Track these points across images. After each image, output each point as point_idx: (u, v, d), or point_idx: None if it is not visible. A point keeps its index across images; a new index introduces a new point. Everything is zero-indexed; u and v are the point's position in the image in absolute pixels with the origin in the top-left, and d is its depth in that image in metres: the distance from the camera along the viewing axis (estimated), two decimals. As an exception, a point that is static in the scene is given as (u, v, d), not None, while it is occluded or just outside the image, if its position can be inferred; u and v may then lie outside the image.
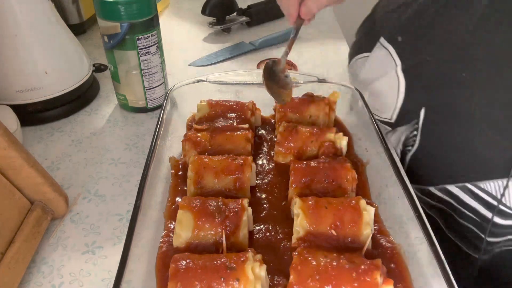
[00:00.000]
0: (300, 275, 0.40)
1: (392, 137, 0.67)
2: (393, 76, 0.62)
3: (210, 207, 0.46)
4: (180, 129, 0.65)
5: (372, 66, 0.68)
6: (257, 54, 0.95)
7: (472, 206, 0.57)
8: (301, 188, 0.51)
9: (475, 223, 0.58)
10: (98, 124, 0.72)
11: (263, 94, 0.72)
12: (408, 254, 0.46)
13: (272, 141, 0.64)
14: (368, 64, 0.68)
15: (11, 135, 0.47)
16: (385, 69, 0.64)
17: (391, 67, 0.63)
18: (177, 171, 0.57)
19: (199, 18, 1.08)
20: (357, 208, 0.46)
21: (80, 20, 0.98)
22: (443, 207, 0.62)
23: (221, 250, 0.44)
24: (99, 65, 0.85)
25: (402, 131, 0.64)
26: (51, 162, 0.63)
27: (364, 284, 0.39)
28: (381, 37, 0.65)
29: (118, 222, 0.54)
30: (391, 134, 0.68)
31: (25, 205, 0.49)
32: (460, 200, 0.58)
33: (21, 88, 0.66)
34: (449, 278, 0.39)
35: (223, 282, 0.39)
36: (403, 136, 0.64)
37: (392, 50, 0.63)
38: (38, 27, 0.65)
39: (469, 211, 0.58)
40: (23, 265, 0.46)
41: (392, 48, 0.63)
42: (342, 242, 0.45)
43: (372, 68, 0.67)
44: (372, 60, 0.67)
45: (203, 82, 0.68)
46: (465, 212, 0.59)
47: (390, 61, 0.63)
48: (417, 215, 0.46)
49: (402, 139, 0.65)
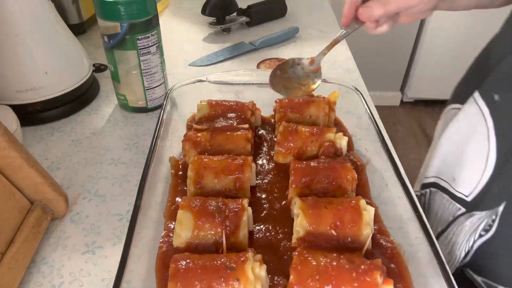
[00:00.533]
0: (300, 275, 0.40)
1: (466, 222, 0.54)
2: (482, 142, 0.52)
3: (210, 207, 0.46)
4: (180, 129, 0.65)
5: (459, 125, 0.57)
6: (257, 54, 0.95)
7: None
8: (301, 188, 0.51)
9: None
10: (98, 124, 0.72)
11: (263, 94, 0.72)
12: (408, 254, 0.46)
13: (272, 141, 0.64)
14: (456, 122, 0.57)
15: (11, 135, 0.47)
16: (473, 131, 0.53)
17: (481, 131, 0.52)
18: (177, 171, 0.57)
19: (199, 18, 1.08)
20: (357, 208, 0.46)
21: (80, 20, 0.98)
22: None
23: (221, 250, 0.44)
24: (99, 65, 0.85)
25: (481, 218, 0.52)
26: (51, 162, 0.63)
27: (364, 284, 0.39)
28: (476, 91, 0.54)
29: (118, 222, 0.54)
30: (464, 218, 0.55)
31: (25, 205, 0.49)
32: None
33: (21, 88, 0.66)
34: (449, 278, 0.40)
35: (223, 282, 0.39)
36: (482, 223, 0.52)
37: (485, 110, 0.52)
38: (38, 27, 0.65)
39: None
40: (23, 265, 0.46)
41: (486, 108, 0.52)
42: (342, 242, 0.45)
43: (459, 127, 0.57)
44: (461, 118, 0.56)
45: (203, 82, 0.68)
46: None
47: (482, 123, 0.52)
48: (417, 215, 0.46)
49: (480, 227, 0.52)
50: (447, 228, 0.58)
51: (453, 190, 0.56)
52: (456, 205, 0.56)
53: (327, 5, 1.22)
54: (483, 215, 0.52)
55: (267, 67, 0.87)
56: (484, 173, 0.51)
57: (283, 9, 1.11)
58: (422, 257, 0.44)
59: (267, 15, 1.09)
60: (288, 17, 1.12)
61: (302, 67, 0.56)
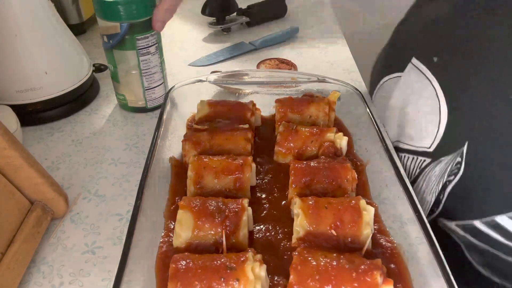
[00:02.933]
0: (300, 275, 0.40)
1: (436, 169, 0.58)
2: (431, 97, 0.57)
3: (210, 207, 0.46)
4: (180, 129, 0.65)
5: (405, 88, 0.62)
6: (257, 54, 0.95)
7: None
8: (301, 188, 0.51)
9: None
10: (98, 124, 0.72)
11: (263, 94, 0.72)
12: (408, 254, 0.46)
13: (272, 141, 0.64)
14: (401, 86, 0.63)
15: (11, 135, 0.47)
16: (421, 92, 0.59)
17: (429, 90, 0.57)
18: (177, 171, 0.57)
19: (199, 18, 1.08)
20: (357, 208, 0.46)
21: (80, 20, 0.98)
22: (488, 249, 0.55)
23: (221, 250, 0.44)
24: (99, 65, 0.85)
25: (448, 162, 0.56)
26: (51, 162, 0.63)
27: (364, 284, 0.39)
28: (413, 58, 0.60)
29: (118, 222, 0.54)
30: (433, 166, 0.59)
31: (25, 205, 0.49)
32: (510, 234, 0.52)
33: (21, 88, 0.66)
34: (449, 278, 0.39)
35: (223, 282, 0.39)
36: (448, 167, 0.56)
37: (427, 72, 0.58)
38: (38, 27, 0.65)
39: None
40: (23, 265, 0.46)
41: (427, 69, 0.58)
42: (342, 242, 0.45)
43: (406, 90, 0.62)
44: (406, 82, 0.62)
45: (203, 82, 0.68)
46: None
47: (427, 83, 0.58)
48: (417, 215, 0.46)
49: (448, 170, 0.56)
50: (416, 180, 0.62)
51: (414, 148, 0.60)
52: (420, 158, 0.60)
53: (327, 5, 1.22)
54: (450, 158, 0.56)
55: (267, 67, 0.87)
56: (440, 124, 0.56)
57: (283, 9, 1.11)
58: (422, 257, 0.44)
59: (267, 15, 1.09)
60: (288, 17, 1.12)
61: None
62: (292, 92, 0.71)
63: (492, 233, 0.53)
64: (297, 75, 0.70)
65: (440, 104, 0.55)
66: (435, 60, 0.57)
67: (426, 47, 0.59)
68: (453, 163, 0.55)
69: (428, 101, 0.57)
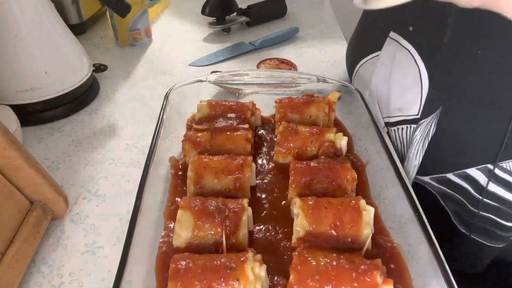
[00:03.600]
0: (300, 275, 0.40)
1: (417, 132, 0.62)
2: (412, 66, 0.59)
3: (210, 207, 0.46)
4: (180, 129, 0.65)
5: (388, 63, 0.64)
6: (257, 54, 0.95)
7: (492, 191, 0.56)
8: (301, 188, 0.51)
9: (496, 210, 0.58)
10: (98, 124, 0.72)
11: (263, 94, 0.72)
12: (408, 254, 0.46)
13: (272, 141, 0.64)
14: (382, 62, 0.65)
15: (11, 135, 0.46)
16: (401, 62, 0.61)
17: (408, 59, 0.60)
18: (177, 171, 0.57)
19: (199, 18, 1.08)
20: (357, 208, 0.46)
21: (80, 20, 0.98)
22: (460, 198, 0.61)
23: (221, 250, 0.44)
24: (99, 65, 0.85)
25: (428, 122, 0.60)
26: (51, 162, 0.63)
27: (364, 284, 0.39)
28: (390, 32, 0.62)
29: (118, 222, 0.54)
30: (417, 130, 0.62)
31: (25, 205, 0.49)
32: (479, 186, 0.57)
33: (21, 88, 0.66)
34: (449, 278, 0.40)
35: (223, 282, 0.39)
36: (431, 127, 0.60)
37: (404, 42, 0.60)
38: (38, 27, 0.65)
39: (489, 198, 0.57)
40: (23, 265, 0.46)
41: (404, 40, 0.60)
42: (342, 242, 0.45)
43: (388, 65, 0.64)
44: (386, 56, 0.64)
45: (203, 82, 0.68)
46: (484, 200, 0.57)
47: (406, 53, 0.60)
48: (417, 215, 0.46)
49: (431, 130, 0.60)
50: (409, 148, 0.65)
51: (404, 117, 0.63)
52: (412, 126, 0.63)
53: (327, 5, 1.22)
54: (429, 120, 0.60)
55: (267, 67, 0.87)
56: (423, 90, 0.59)
57: (283, 9, 1.11)
58: (422, 257, 0.44)
59: (267, 15, 1.09)
60: (288, 17, 1.12)
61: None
62: (292, 92, 0.71)
63: (463, 183, 0.59)
64: (297, 75, 0.70)
65: (420, 71, 0.58)
66: (410, 30, 0.59)
67: (400, 19, 0.61)
68: (430, 125, 0.60)
69: (409, 70, 0.60)
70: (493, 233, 0.60)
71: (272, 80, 0.71)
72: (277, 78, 0.70)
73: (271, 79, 0.71)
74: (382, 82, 0.65)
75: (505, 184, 0.56)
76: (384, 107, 0.67)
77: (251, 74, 0.71)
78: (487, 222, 0.60)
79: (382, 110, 0.68)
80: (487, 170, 0.56)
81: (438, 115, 0.58)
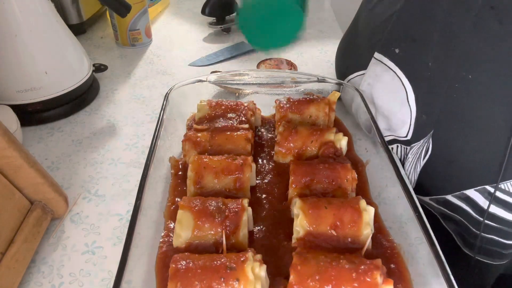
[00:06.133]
0: (300, 275, 0.40)
1: (409, 154, 0.61)
2: (399, 88, 0.58)
3: (210, 207, 0.46)
4: (180, 129, 0.65)
5: (373, 83, 0.63)
6: (257, 54, 0.95)
7: (493, 213, 0.55)
8: (301, 188, 0.51)
9: (499, 231, 0.57)
10: (98, 124, 0.72)
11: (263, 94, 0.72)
12: (408, 254, 0.46)
13: (272, 141, 0.64)
14: (369, 82, 0.64)
15: (11, 135, 0.47)
16: (388, 84, 0.60)
17: (394, 80, 0.59)
18: (177, 171, 0.57)
19: (199, 18, 1.08)
20: (357, 208, 0.46)
21: (80, 20, 0.98)
22: (460, 219, 0.60)
23: (221, 250, 0.44)
24: (99, 65, 0.85)
25: (420, 146, 0.59)
26: (51, 162, 0.63)
27: (364, 284, 0.39)
28: (376, 52, 0.61)
29: (118, 222, 0.54)
30: (410, 153, 0.61)
31: (25, 205, 0.49)
32: (479, 207, 0.56)
33: (21, 88, 0.66)
34: (449, 278, 0.39)
35: (223, 282, 0.39)
36: (423, 150, 0.59)
37: (390, 64, 0.59)
38: (38, 27, 0.65)
39: (491, 220, 0.56)
40: (23, 265, 0.46)
41: (390, 61, 0.59)
42: (342, 242, 0.45)
43: (374, 85, 0.63)
44: (372, 76, 0.63)
45: (203, 82, 0.68)
46: (486, 222, 0.57)
47: (393, 74, 0.59)
48: (417, 215, 0.46)
49: (424, 153, 0.59)
50: (404, 166, 0.64)
51: (395, 137, 0.62)
52: (405, 147, 0.62)
53: (327, 5, 1.22)
54: (421, 143, 0.59)
55: (267, 67, 0.87)
56: (412, 113, 0.58)
57: (283, 9, 1.10)
58: (422, 257, 0.44)
59: (267, 15, 1.09)
60: (288, 17, 1.12)
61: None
62: (292, 92, 0.71)
63: (462, 205, 0.58)
64: (297, 75, 0.70)
65: (408, 93, 0.58)
66: (396, 52, 0.59)
67: (386, 40, 0.60)
68: (422, 148, 0.59)
69: (396, 93, 0.59)
70: (496, 253, 0.60)
71: (272, 80, 0.70)
72: (277, 78, 0.70)
73: (271, 79, 0.71)
74: (369, 102, 0.64)
75: (506, 205, 0.55)
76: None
77: (251, 74, 0.71)
78: (490, 243, 0.59)
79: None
80: (486, 191, 0.55)
81: (431, 138, 0.57)
